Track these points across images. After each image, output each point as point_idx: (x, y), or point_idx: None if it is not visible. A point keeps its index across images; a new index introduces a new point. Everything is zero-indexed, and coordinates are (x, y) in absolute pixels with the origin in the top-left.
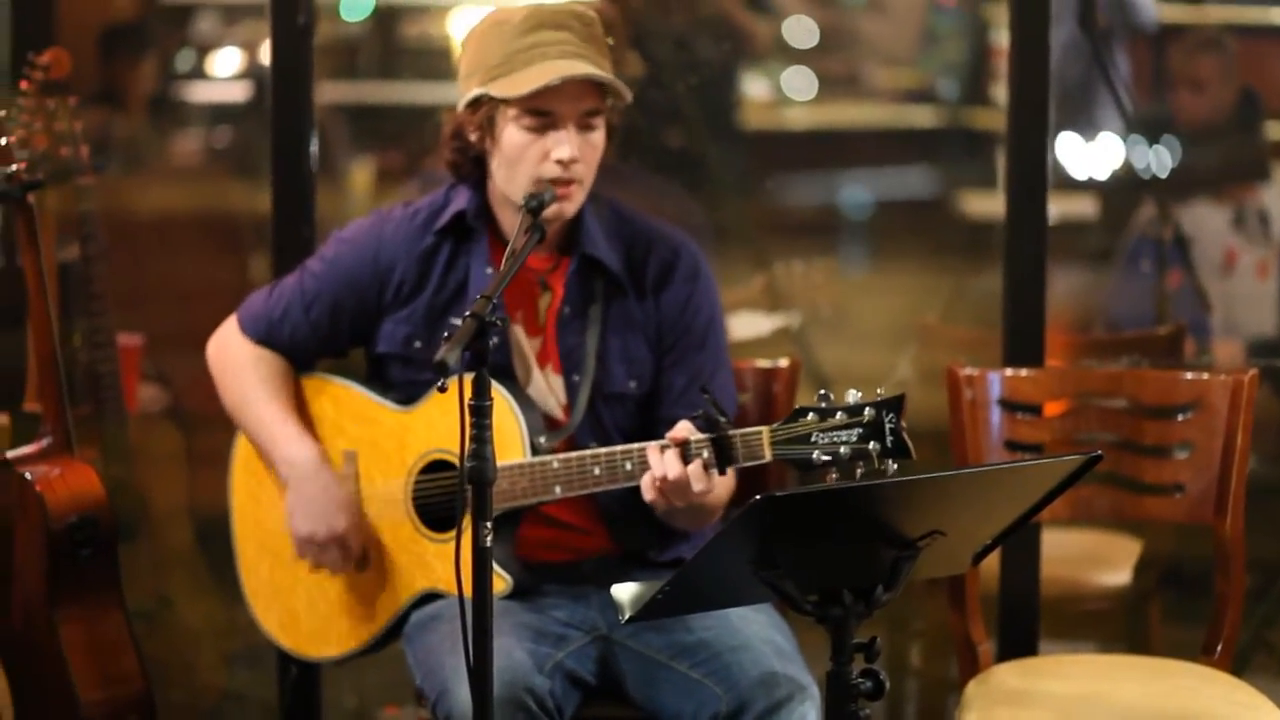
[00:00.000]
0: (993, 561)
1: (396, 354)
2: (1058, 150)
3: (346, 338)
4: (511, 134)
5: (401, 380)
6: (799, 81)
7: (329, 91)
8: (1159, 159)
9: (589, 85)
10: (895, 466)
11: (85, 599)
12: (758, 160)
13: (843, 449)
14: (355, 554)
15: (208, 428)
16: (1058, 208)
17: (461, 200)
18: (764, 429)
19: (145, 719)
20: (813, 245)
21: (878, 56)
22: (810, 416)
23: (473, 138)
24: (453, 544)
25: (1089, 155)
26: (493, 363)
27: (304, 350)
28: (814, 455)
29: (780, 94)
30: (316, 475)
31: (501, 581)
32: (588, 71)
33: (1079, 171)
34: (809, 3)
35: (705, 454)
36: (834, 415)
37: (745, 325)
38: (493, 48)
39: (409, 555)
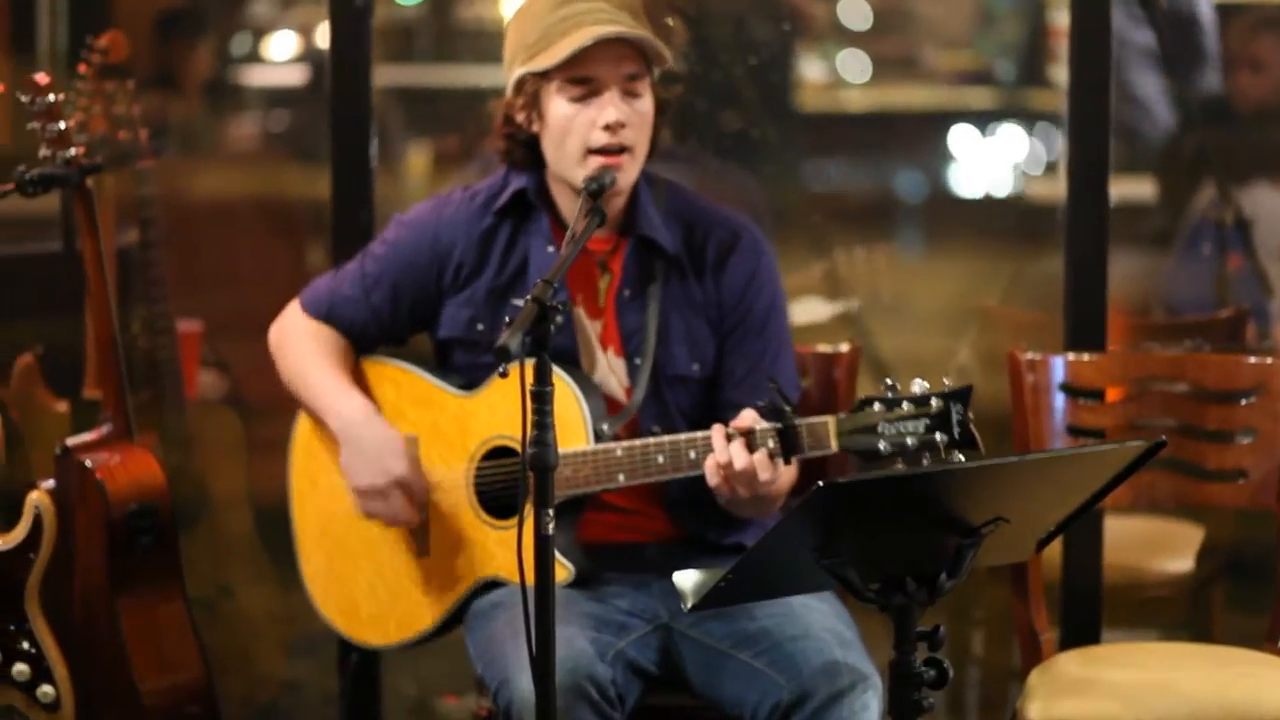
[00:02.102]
0: (1055, 549)
1: (459, 338)
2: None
3: (407, 322)
4: (557, 107)
5: (464, 364)
6: (854, 64)
7: (384, 75)
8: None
9: (628, 49)
10: (962, 459)
11: (145, 587)
12: (814, 143)
13: (909, 440)
14: (420, 499)
15: (267, 414)
16: (1116, 190)
17: (521, 180)
18: (830, 419)
19: (205, 707)
20: (869, 229)
21: (934, 38)
22: (876, 407)
23: (521, 120)
24: (514, 531)
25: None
26: (558, 346)
27: (364, 334)
28: (880, 446)
29: (836, 76)
30: (368, 424)
31: (563, 570)
32: (620, 30)
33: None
34: None
35: (771, 443)
36: (900, 406)
37: (805, 310)
38: (529, 27)
39: (470, 542)
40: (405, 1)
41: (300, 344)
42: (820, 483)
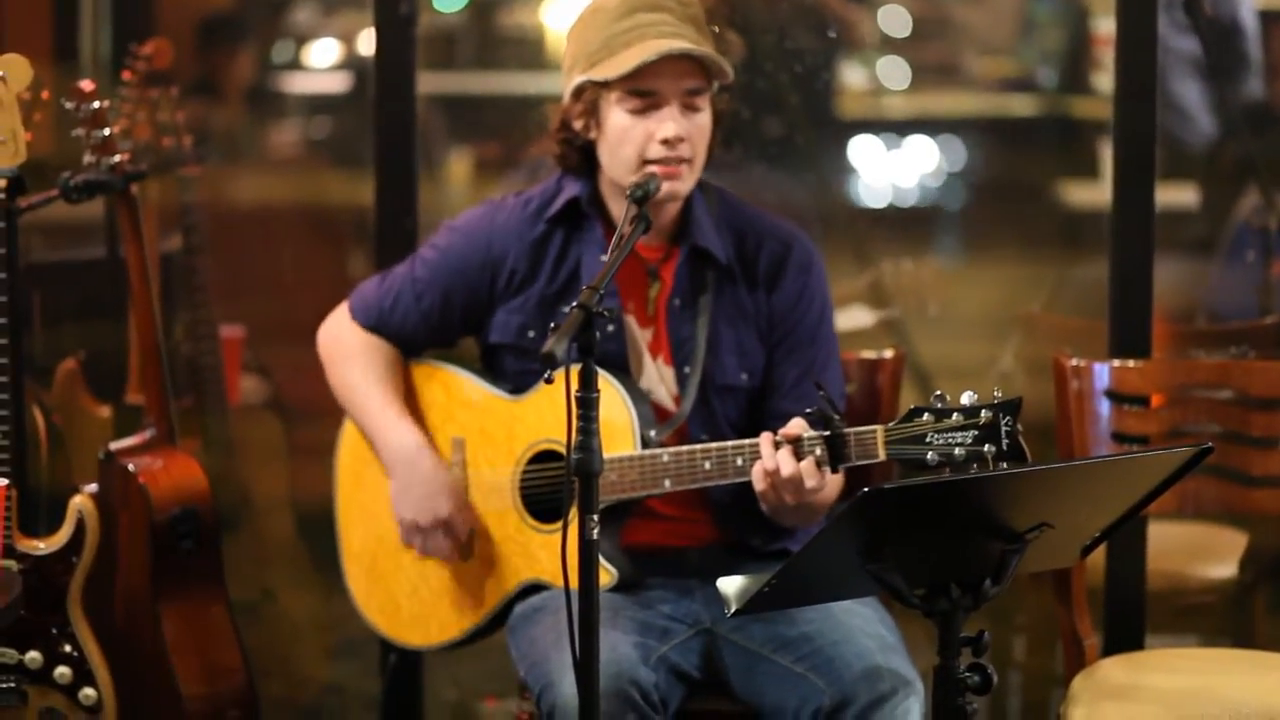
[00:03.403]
0: (1098, 555)
1: (510, 344)
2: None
3: (458, 327)
4: (616, 117)
5: (515, 370)
6: (894, 70)
7: (426, 82)
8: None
9: (690, 64)
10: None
11: (188, 592)
12: (856, 150)
13: (957, 450)
14: (461, 538)
15: (308, 419)
16: (1159, 197)
17: (574, 188)
18: (878, 428)
19: (247, 711)
20: (911, 235)
21: (976, 45)
22: (925, 417)
23: (578, 126)
24: (558, 535)
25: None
26: (608, 352)
27: (413, 339)
28: (928, 456)
29: (877, 83)
30: (417, 460)
31: (606, 574)
32: (685, 47)
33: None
34: None
35: (818, 451)
36: (949, 416)
37: (847, 317)
38: (592, 35)
39: (514, 545)
40: (447, 9)
41: (351, 359)
42: (866, 489)
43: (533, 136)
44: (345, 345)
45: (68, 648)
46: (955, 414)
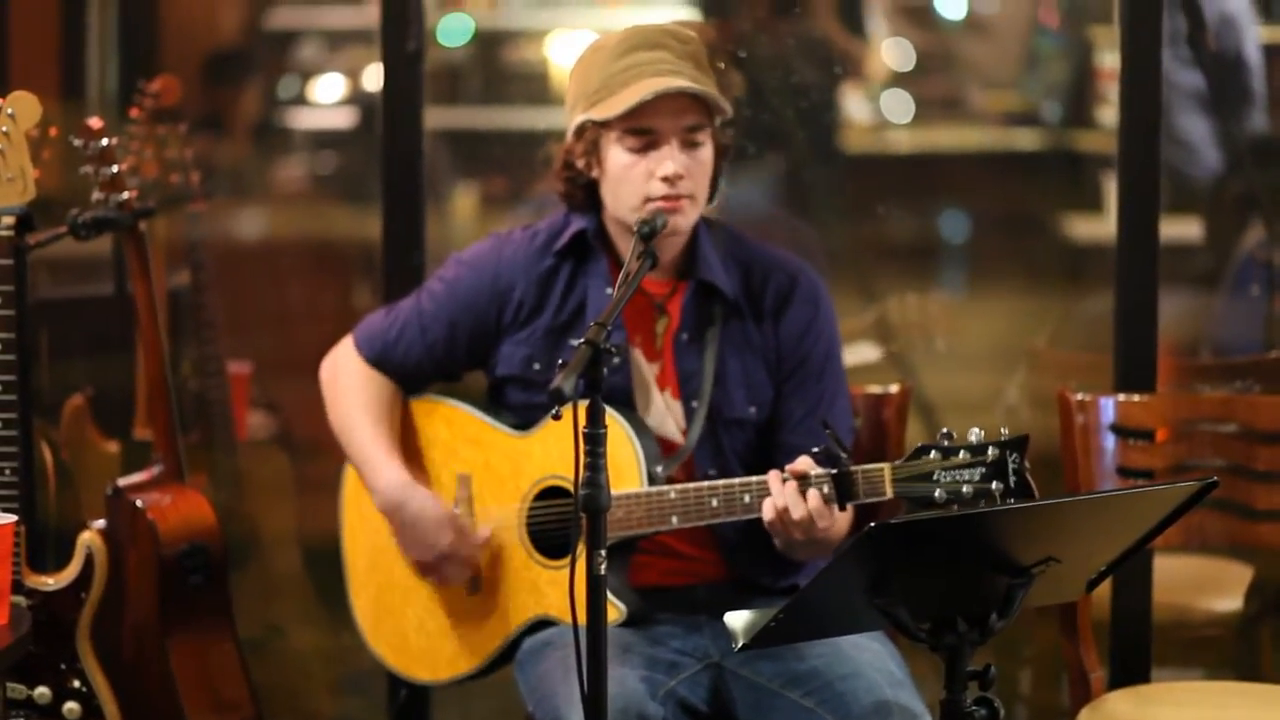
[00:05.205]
0: (1104, 588)
1: (516, 376)
2: None
3: (463, 360)
4: (616, 156)
5: (520, 403)
6: (896, 104)
7: (431, 117)
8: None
9: (688, 100)
10: None
11: (196, 626)
12: (859, 184)
13: (965, 488)
14: (475, 559)
15: (316, 454)
16: (1163, 230)
17: (581, 222)
18: (886, 466)
19: None
20: (914, 270)
21: (980, 79)
22: (933, 454)
23: (580, 165)
24: (566, 571)
25: None
26: (615, 386)
27: (417, 372)
28: (936, 494)
29: (880, 117)
30: (406, 502)
31: (615, 610)
32: (680, 85)
33: None
34: (909, 25)
35: (825, 489)
36: (957, 454)
37: (853, 352)
38: (592, 74)
39: (521, 581)
40: (451, 44)
41: (348, 396)
42: (872, 524)
43: (539, 171)
44: (344, 379)
45: (76, 683)
46: (962, 451)
